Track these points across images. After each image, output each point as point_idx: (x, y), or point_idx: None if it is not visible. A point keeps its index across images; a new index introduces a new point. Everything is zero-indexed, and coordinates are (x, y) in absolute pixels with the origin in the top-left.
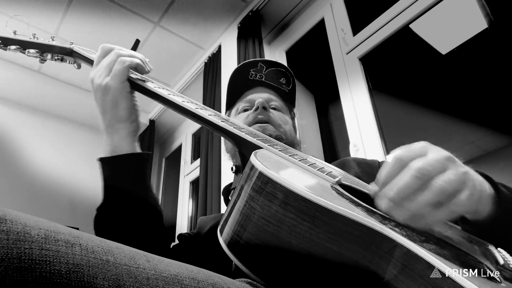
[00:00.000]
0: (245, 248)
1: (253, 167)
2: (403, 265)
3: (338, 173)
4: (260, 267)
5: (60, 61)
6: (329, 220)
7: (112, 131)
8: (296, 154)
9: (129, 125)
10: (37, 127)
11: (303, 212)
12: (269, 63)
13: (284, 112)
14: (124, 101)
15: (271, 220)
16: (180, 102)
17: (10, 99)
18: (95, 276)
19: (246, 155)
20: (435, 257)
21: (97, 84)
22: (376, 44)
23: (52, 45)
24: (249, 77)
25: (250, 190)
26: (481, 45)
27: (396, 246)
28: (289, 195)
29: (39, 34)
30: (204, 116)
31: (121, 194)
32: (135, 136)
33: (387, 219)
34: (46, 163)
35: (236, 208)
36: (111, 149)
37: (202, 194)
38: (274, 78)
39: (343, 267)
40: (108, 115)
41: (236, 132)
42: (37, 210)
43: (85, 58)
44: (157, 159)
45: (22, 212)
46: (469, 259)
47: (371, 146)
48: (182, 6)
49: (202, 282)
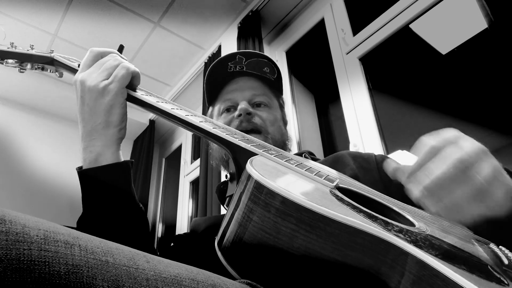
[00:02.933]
0: (243, 259)
1: (249, 176)
2: (410, 273)
3: (335, 176)
4: (259, 278)
5: (41, 70)
6: (331, 230)
7: (97, 137)
8: (292, 158)
9: (117, 132)
10: (37, 127)
11: (304, 222)
12: (249, 54)
13: (270, 105)
14: (119, 106)
15: (271, 231)
16: (169, 110)
17: (10, 99)
18: (94, 277)
19: (240, 162)
20: (442, 263)
21: (92, 86)
22: (376, 44)
23: (31, 54)
24: (228, 70)
25: (247, 201)
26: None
27: (402, 253)
28: (289, 205)
29: (39, 34)
30: (195, 123)
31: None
32: (119, 145)
33: (390, 224)
34: (46, 163)
35: (233, 219)
36: (94, 157)
37: (202, 194)
38: (256, 67)
39: (347, 277)
40: (98, 119)
41: (229, 139)
42: (36, 210)
43: (66, 66)
44: (157, 159)
45: (22, 213)
46: (475, 262)
47: (371, 146)
48: (182, 6)
49: (202, 283)
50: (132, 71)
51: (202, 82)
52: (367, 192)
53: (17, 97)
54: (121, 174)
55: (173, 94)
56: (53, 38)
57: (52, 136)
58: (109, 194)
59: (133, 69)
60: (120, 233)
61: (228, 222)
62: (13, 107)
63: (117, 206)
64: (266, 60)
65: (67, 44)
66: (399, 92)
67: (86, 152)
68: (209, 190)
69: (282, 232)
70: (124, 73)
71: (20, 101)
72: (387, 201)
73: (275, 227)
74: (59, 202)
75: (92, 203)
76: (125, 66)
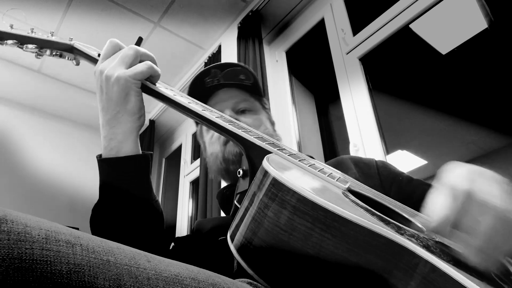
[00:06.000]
0: (257, 255)
1: (266, 172)
2: (422, 277)
3: (347, 179)
4: (273, 274)
5: (59, 57)
6: (346, 230)
7: (116, 124)
8: (304, 159)
9: (137, 119)
10: (37, 127)
11: (320, 221)
12: (222, 65)
13: (254, 110)
14: (134, 94)
15: (286, 228)
16: (186, 104)
17: (10, 99)
18: (95, 276)
19: (254, 160)
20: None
21: (109, 75)
22: (376, 44)
23: (52, 41)
24: (206, 86)
25: (263, 197)
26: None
27: (415, 257)
28: (305, 203)
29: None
30: (211, 118)
31: (123, 195)
32: (138, 134)
33: (402, 228)
34: (46, 163)
35: (248, 214)
36: (114, 145)
37: (202, 194)
38: (232, 77)
39: (358, 278)
40: (116, 107)
41: (244, 136)
42: (37, 210)
43: (85, 55)
44: (157, 159)
45: (23, 213)
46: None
47: (371, 146)
48: (182, 6)
49: (203, 282)
50: (154, 70)
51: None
52: (375, 196)
53: (17, 97)
54: (139, 165)
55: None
56: None
57: (52, 136)
58: (127, 184)
59: (155, 69)
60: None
61: (241, 218)
62: (13, 107)
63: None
64: (241, 68)
65: None
66: (399, 92)
67: (106, 140)
68: (209, 190)
69: (297, 230)
70: (143, 69)
71: (20, 101)
72: (395, 206)
73: (290, 224)
74: (59, 202)
75: (106, 190)
76: (149, 65)
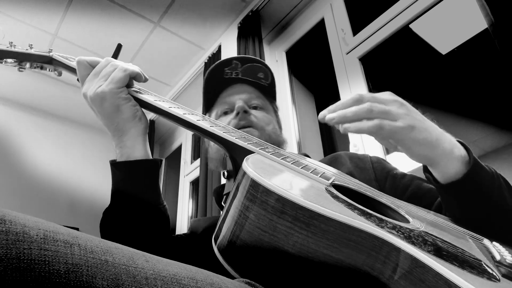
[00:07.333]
0: (240, 257)
1: (245, 174)
2: (402, 269)
3: (331, 173)
4: (256, 276)
5: (40, 69)
6: (326, 227)
7: (121, 133)
8: (288, 156)
9: (137, 123)
10: (37, 127)
11: (299, 219)
12: (245, 59)
13: (266, 109)
14: (124, 103)
15: (267, 229)
16: (167, 108)
17: (10, 99)
18: (93, 276)
19: (238, 160)
20: (435, 260)
21: (92, 95)
22: (376, 44)
23: (29, 53)
24: (225, 76)
25: (243, 199)
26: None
27: (395, 249)
28: (284, 203)
29: (39, 34)
30: (192, 121)
31: (132, 199)
32: (145, 135)
33: (384, 221)
34: (46, 163)
35: (230, 217)
36: (126, 152)
37: (202, 194)
38: (251, 73)
39: (342, 273)
40: (113, 121)
41: (226, 137)
42: (36, 210)
43: (65, 65)
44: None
45: (22, 213)
46: (467, 258)
47: (371, 146)
48: (182, 6)
49: (201, 281)
50: (130, 72)
51: (202, 82)
52: (363, 190)
53: (17, 97)
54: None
55: (173, 94)
56: (53, 38)
57: (51, 136)
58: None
59: (131, 70)
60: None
61: (224, 219)
62: (13, 107)
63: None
64: (261, 65)
65: (67, 44)
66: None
67: (118, 148)
68: (209, 190)
69: (278, 230)
70: (121, 76)
71: (20, 101)
72: (383, 198)
73: (271, 225)
74: (59, 202)
75: (117, 195)
76: (122, 68)
